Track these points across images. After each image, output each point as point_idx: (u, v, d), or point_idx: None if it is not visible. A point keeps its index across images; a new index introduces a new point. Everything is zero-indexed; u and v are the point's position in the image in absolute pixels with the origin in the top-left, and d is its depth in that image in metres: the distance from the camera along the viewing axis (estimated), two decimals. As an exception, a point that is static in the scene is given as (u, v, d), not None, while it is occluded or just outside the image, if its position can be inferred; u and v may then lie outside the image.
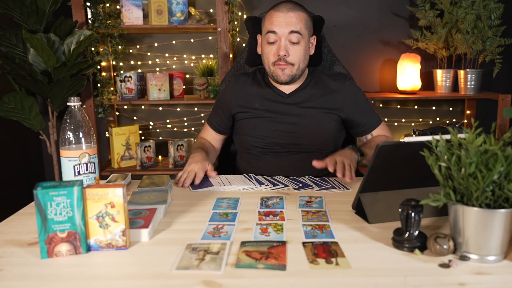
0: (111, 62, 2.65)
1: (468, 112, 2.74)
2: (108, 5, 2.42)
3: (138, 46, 2.70)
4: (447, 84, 2.57)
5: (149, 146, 2.55)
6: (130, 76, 2.49)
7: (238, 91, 1.54)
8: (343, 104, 1.49)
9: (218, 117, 1.60)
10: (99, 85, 2.49)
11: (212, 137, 1.62)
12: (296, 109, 1.48)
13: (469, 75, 2.49)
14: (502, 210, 0.74)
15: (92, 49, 2.40)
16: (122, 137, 2.56)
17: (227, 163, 1.78)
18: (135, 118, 2.79)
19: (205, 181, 1.31)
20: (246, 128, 1.51)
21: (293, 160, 1.47)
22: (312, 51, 1.50)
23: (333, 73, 1.58)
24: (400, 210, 0.82)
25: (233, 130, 1.61)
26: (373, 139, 1.50)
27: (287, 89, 1.51)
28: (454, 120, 2.81)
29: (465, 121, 2.77)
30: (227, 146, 1.76)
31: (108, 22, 2.38)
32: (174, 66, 2.73)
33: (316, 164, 1.25)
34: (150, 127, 2.81)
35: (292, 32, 1.39)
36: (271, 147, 1.48)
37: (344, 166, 1.23)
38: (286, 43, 1.40)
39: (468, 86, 2.50)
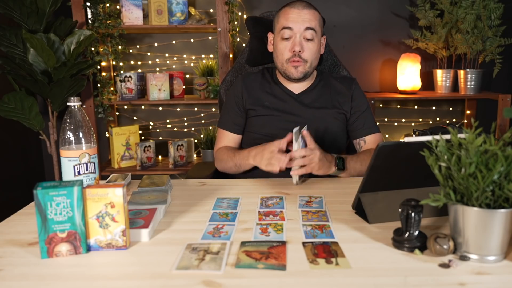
0: (111, 62, 2.66)
1: (468, 112, 2.74)
2: (108, 5, 2.42)
3: (138, 46, 2.70)
4: (447, 84, 2.57)
5: (149, 146, 2.55)
6: (130, 76, 2.49)
7: (248, 88, 1.53)
8: (348, 106, 1.51)
9: (234, 115, 1.54)
10: (99, 85, 2.49)
11: (233, 142, 1.55)
12: (305, 109, 1.49)
13: (469, 75, 2.49)
14: (502, 210, 0.74)
15: (92, 49, 2.40)
16: (122, 137, 2.56)
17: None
18: (135, 118, 2.79)
19: None
20: (255, 126, 1.51)
21: None
22: (322, 51, 1.52)
23: (340, 76, 1.60)
24: (400, 210, 0.82)
25: None
26: (363, 151, 1.46)
27: (297, 89, 1.52)
28: (454, 120, 2.81)
29: (465, 121, 2.77)
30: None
31: (108, 22, 2.38)
32: (174, 66, 2.73)
33: (305, 133, 1.24)
34: (150, 127, 2.81)
35: (308, 28, 1.41)
36: None
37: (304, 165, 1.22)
38: (301, 39, 1.42)
39: (468, 86, 2.50)
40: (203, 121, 2.79)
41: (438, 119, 2.81)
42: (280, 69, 1.49)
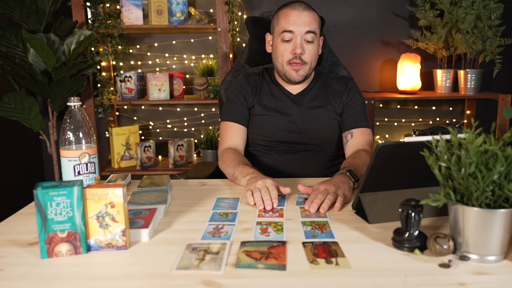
0: (111, 62, 2.65)
1: (468, 112, 2.74)
2: (108, 5, 2.42)
3: (138, 46, 2.70)
4: (447, 84, 2.57)
5: (149, 146, 2.55)
6: (130, 76, 2.49)
7: (250, 87, 1.54)
8: (343, 102, 1.51)
9: (239, 107, 1.51)
10: (99, 85, 2.49)
11: (241, 135, 1.50)
12: (303, 109, 1.50)
13: (469, 75, 2.49)
14: (502, 210, 0.74)
15: (92, 49, 2.40)
16: (122, 137, 2.56)
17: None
18: (135, 118, 2.79)
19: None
20: (254, 127, 1.51)
21: (298, 157, 1.49)
22: (320, 51, 1.53)
23: (338, 76, 1.61)
24: (400, 210, 0.82)
25: None
26: (355, 161, 1.32)
27: (295, 89, 1.53)
28: (454, 120, 2.81)
29: (465, 121, 2.77)
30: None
31: (108, 22, 2.38)
32: (174, 66, 2.73)
33: (301, 189, 1.12)
34: (150, 127, 2.81)
35: (309, 32, 1.42)
36: (277, 145, 1.49)
37: (323, 199, 1.06)
38: (301, 42, 1.43)
39: (468, 86, 2.50)
40: (203, 121, 2.79)
41: (438, 119, 2.81)
42: (279, 71, 1.49)
